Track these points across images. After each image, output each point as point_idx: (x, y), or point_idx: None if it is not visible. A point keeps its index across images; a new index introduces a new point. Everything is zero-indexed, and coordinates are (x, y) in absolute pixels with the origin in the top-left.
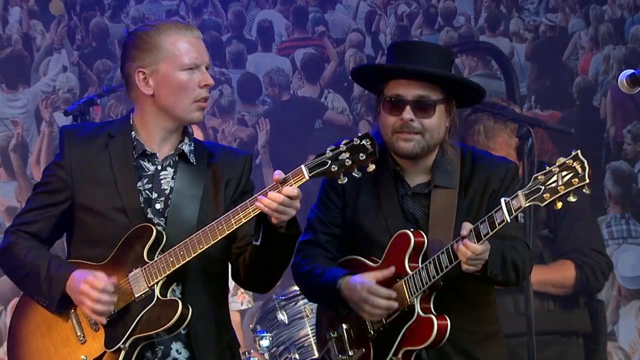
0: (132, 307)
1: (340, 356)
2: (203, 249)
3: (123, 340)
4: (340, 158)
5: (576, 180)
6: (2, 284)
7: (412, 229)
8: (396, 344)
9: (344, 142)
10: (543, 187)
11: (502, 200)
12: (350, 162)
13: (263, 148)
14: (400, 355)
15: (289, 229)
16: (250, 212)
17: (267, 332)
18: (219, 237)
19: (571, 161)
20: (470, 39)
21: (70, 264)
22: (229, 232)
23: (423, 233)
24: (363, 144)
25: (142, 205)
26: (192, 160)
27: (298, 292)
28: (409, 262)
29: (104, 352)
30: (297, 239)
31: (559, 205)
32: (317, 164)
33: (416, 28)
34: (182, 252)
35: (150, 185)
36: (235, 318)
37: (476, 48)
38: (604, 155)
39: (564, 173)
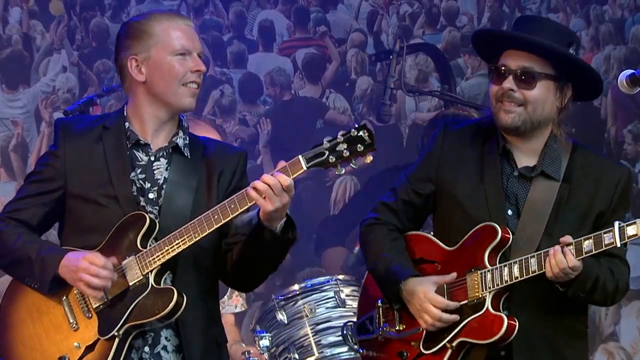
0: (126, 295)
1: (386, 327)
2: (199, 238)
3: (117, 328)
4: (337, 149)
5: None
6: (3, 285)
7: (500, 225)
8: (454, 332)
9: (341, 133)
10: None
11: (617, 223)
12: (348, 154)
13: (264, 148)
14: (454, 344)
15: (285, 232)
16: (246, 201)
17: (266, 332)
18: (215, 226)
19: None
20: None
21: (62, 248)
22: (225, 221)
23: (510, 231)
24: (360, 135)
25: (135, 194)
26: (186, 154)
27: (297, 292)
28: (488, 256)
29: (98, 339)
30: (291, 245)
31: None
32: (315, 155)
33: (418, 28)
34: (176, 240)
35: (143, 175)
36: (229, 319)
37: (418, 48)
38: (604, 155)
39: None
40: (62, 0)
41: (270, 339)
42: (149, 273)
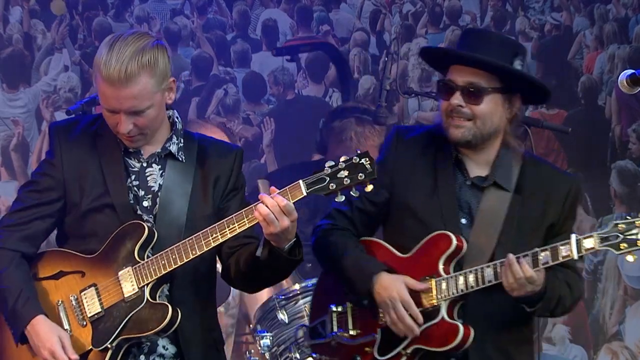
0: (120, 307)
1: (339, 332)
2: (196, 256)
3: (110, 340)
4: (338, 176)
5: None
6: None
7: (454, 233)
8: (410, 339)
9: (342, 159)
10: (622, 236)
11: (574, 236)
12: (348, 181)
13: (268, 147)
14: (409, 350)
15: (291, 253)
16: (245, 223)
17: (267, 332)
18: (212, 245)
19: None
20: None
21: (36, 303)
22: (223, 240)
23: (464, 240)
24: (362, 162)
25: (132, 202)
26: (180, 159)
27: (298, 292)
28: (443, 265)
29: (91, 349)
30: (298, 264)
31: (631, 258)
32: (315, 180)
33: (421, 27)
34: (174, 256)
35: (137, 182)
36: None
37: (317, 47)
38: (609, 154)
39: None
40: (65, 0)
41: (271, 338)
42: (145, 287)
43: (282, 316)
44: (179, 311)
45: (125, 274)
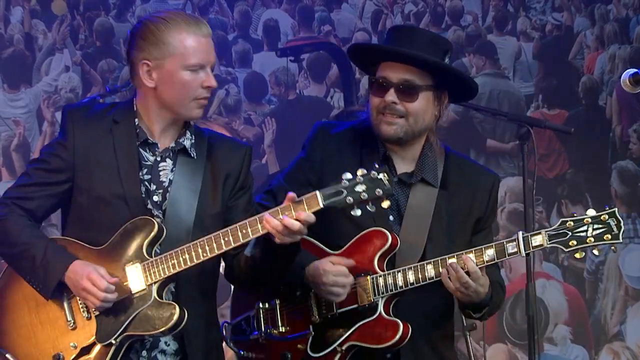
0: (127, 303)
1: (268, 329)
2: (206, 258)
3: (115, 336)
4: (356, 190)
5: (609, 236)
6: None
7: (390, 230)
8: (345, 336)
9: (360, 172)
10: (570, 233)
11: (520, 233)
12: (365, 196)
13: (269, 147)
14: (344, 347)
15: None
16: (258, 229)
17: None
18: (224, 249)
19: (606, 216)
20: (477, 38)
21: (67, 251)
22: (235, 245)
23: (398, 237)
24: (380, 178)
25: (144, 195)
26: (192, 155)
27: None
28: (378, 261)
29: (94, 343)
30: (296, 253)
31: (579, 255)
32: (333, 193)
33: (423, 27)
34: (184, 257)
35: (149, 177)
36: None
37: (320, 47)
38: (610, 154)
39: (596, 226)
40: (66, 0)
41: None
42: (153, 284)
43: None
44: (185, 312)
45: (133, 269)
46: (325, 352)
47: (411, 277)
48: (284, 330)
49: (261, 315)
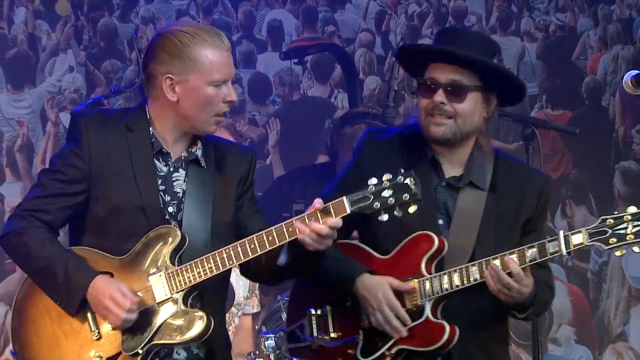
0: (152, 312)
1: (320, 335)
2: (233, 265)
3: (142, 346)
4: (383, 195)
5: None
6: (9, 284)
7: (436, 233)
8: (394, 340)
9: (386, 177)
10: (610, 231)
11: (561, 232)
12: (393, 201)
13: (273, 148)
14: (393, 351)
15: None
16: (285, 236)
17: (272, 333)
18: (251, 256)
19: None
20: None
21: (88, 265)
22: (261, 253)
23: (445, 240)
24: (407, 183)
25: (162, 206)
26: (203, 164)
27: None
28: (425, 265)
29: (120, 353)
30: (319, 258)
31: (619, 253)
32: (359, 198)
33: (427, 28)
34: (209, 265)
35: (163, 187)
36: (246, 323)
37: (324, 48)
38: (613, 155)
39: (636, 223)
40: (70, 1)
41: (276, 339)
42: (178, 293)
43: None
44: (212, 320)
45: (157, 278)
46: (374, 356)
47: (456, 279)
48: (335, 336)
49: (313, 322)
